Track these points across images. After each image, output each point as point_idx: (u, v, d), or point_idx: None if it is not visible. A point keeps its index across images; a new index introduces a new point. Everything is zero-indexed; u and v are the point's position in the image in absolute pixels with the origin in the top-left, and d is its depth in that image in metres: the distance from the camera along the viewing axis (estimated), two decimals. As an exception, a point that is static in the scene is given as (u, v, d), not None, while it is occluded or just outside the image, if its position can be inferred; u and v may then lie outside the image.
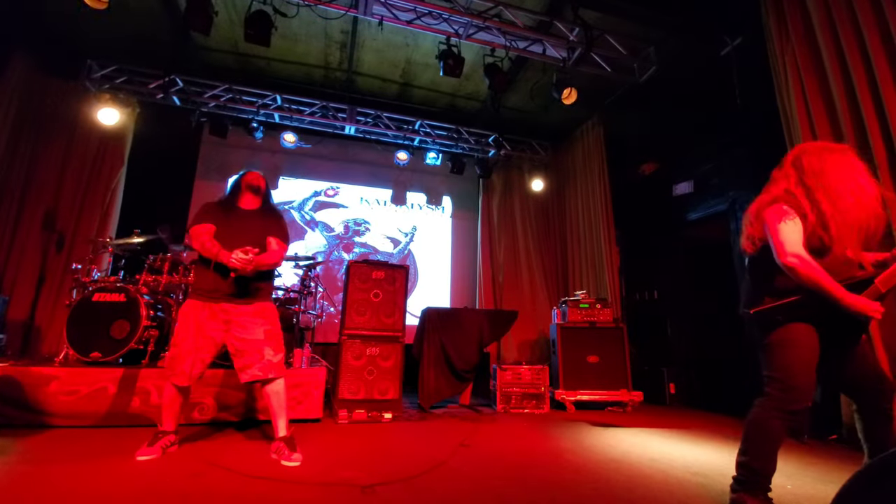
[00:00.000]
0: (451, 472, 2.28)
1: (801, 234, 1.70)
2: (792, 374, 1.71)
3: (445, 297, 6.80)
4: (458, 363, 4.23)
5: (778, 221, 1.73)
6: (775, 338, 1.76)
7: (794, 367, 1.71)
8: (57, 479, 1.99)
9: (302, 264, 4.51)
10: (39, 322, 4.61)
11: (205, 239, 2.44)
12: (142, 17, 4.64)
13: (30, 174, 4.93)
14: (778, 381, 1.73)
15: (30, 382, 2.88)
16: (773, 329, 1.76)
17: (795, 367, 1.71)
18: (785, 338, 1.74)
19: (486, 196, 7.08)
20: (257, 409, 3.15)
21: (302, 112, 5.92)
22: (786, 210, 1.74)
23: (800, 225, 1.70)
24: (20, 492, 1.84)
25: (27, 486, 1.90)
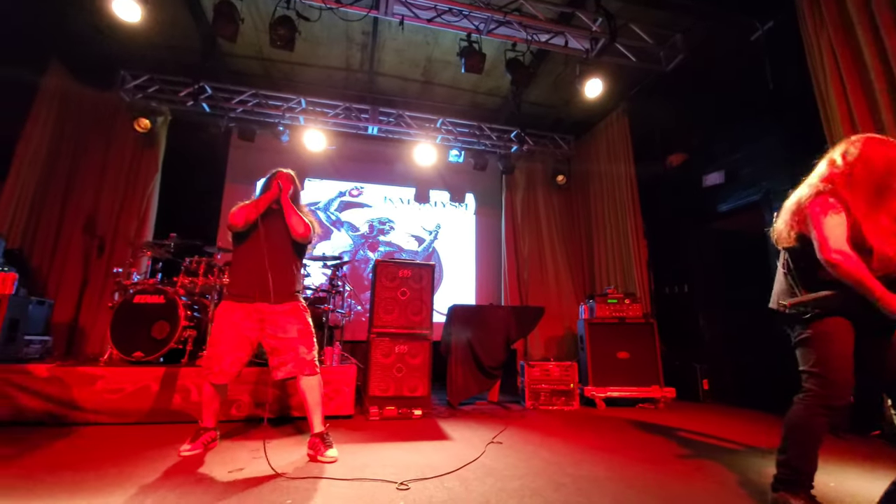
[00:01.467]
0: (483, 469, 2.28)
1: (846, 228, 1.63)
2: (831, 369, 1.65)
3: (471, 294, 6.80)
4: (486, 360, 4.23)
5: (823, 215, 1.66)
6: (812, 332, 1.70)
7: (833, 362, 1.65)
8: (108, 473, 2.09)
9: (329, 264, 4.58)
10: (83, 324, 4.84)
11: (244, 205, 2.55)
12: (171, 28, 4.79)
13: (70, 182, 5.18)
14: (817, 377, 1.68)
15: (77, 382, 3.02)
16: (809, 323, 1.71)
17: (834, 361, 1.65)
18: (822, 331, 1.68)
19: (510, 192, 7.03)
20: (292, 406, 3.23)
21: (326, 114, 6.00)
22: (831, 203, 1.67)
23: (844, 219, 1.64)
24: (75, 487, 1.93)
25: (83, 481, 2.00)
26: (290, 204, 2.62)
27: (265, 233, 2.54)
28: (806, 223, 1.72)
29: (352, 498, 1.85)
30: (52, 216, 4.97)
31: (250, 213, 2.52)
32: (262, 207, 2.56)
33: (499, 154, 6.78)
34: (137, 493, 1.84)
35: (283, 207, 2.59)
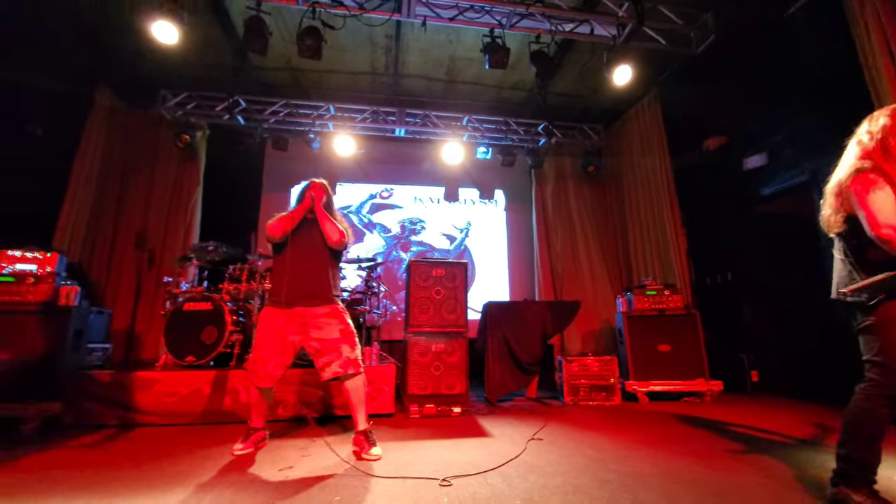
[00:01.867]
0: (525, 466, 2.28)
1: (894, 202, 1.55)
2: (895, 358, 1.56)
3: (504, 290, 6.78)
4: (523, 356, 4.21)
5: (866, 192, 1.59)
6: (875, 319, 1.62)
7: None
8: (168, 472, 2.23)
9: (364, 266, 4.67)
10: (139, 331, 5.15)
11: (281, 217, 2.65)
12: (204, 46, 5.00)
13: (121, 198, 5.52)
14: (880, 366, 1.60)
15: (136, 386, 3.23)
16: (872, 310, 1.62)
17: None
18: (887, 318, 1.59)
19: (539, 186, 6.95)
20: (335, 406, 3.33)
21: (354, 119, 6.12)
22: (872, 179, 1.60)
23: (890, 192, 1.57)
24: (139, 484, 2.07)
25: (145, 479, 2.14)
26: (324, 213, 2.69)
27: (302, 241, 2.64)
28: (851, 203, 1.65)
29: (397, 495, 1.90)
30: (106, 231, 5.33)
31: (286, 224, 2.63)
32: (297, 219, 2.65)
33: (527, 148, 6.71)
34: (196, 491, 1.95)
35: (317, 217, 2.67)
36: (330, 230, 2.64)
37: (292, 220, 2.64)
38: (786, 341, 4.66)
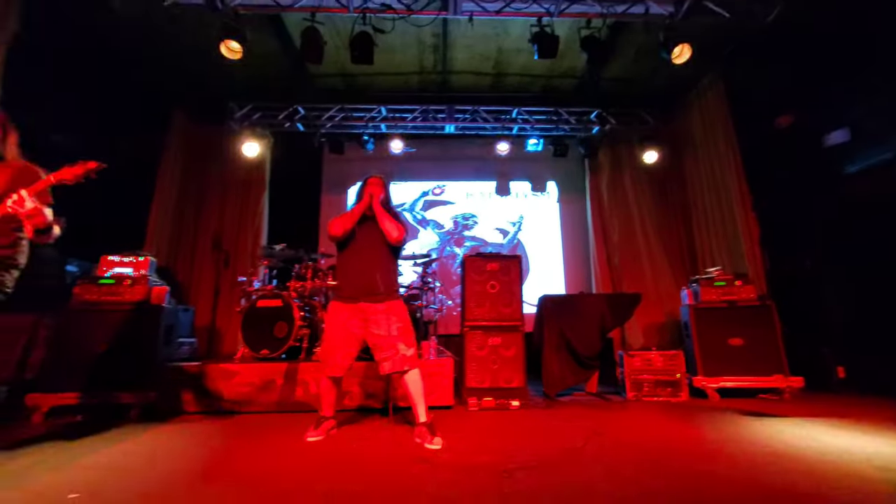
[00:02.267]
0: (586, 459, 2.26)
1: None
2: None
3: (559, 283, 6.66)
4: (581, 350, 4.14)
5: None
6: None
7: None
8: (253, 454, 2.44)
9: (419, 262, 4.79)
10: (219, 327, 5.64)
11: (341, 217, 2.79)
12: (265, 60, 5.32)
13: (198, 206, 6.04)
14: None
15: (219, 377, 3.54)
16: None
17: None
18: None
19: (594, 176, 6.74)
20: (397, 397, 3.46)
21: (405, 119, 6.25)
22: None
23: None
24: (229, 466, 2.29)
25: (234, 460, 2.36)
26: (382, 210, 2.80)
27: (363, 238, 2.77)
28: None
29: (461, 483, 1.95)
30: (187, 236, 5.87)
31: (346, 223, 2.76)
32: (356, 217, 2.77)
33: (579, 138, 6.53)
34: (280, 474, 2.12)
35: (376, 215, 2.78)
36: (389, 228, 2.75)
37: (352, 219, 2.77)
38: (877, 333, 4.22)
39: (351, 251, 2.77)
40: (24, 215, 1.71)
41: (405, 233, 2.81)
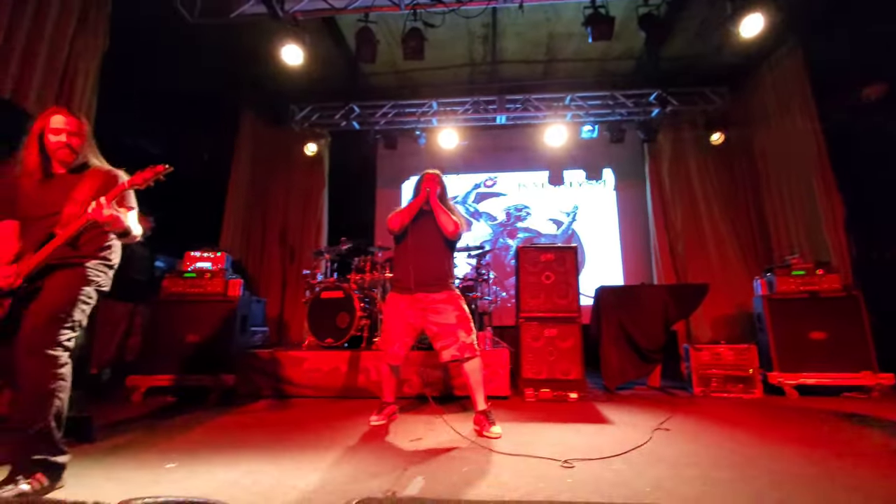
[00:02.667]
0: (653, 455, 2.20)
1: None
2: None
3: (617, 274, 6.45)
4: (643, 343, 4.00)
5: None
6: None
7: None
8: (322, 436, 2.60)
9: (473, 254, 4.83)
10: (287, 317, 6.03)
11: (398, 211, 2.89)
12: (322, 61, 5.53)
13: (266, 204, 6.45)
14: None
15: (289, 363, 3.79)
16: None
17: None
18: None
19: (654, 161, 6.43)
20: (454, 386, 3.54)
21: (456, 112, 6.28)
22: None
23: None
24: (300, 445, 2.45)
25: (304, 441, 2.53)
26: (439, 205, 2.85)
27: (420, 232, 2.84)
28: None
29: (519, 472, 1.97)
30: (256, 232, 6.30)
31: (404, 218, 2.84)
32: (413, 212, 2.85)
33: (637, 121, 6.24)
34: (345, 453, 2.25)
35: (433, 209, 2.84)
36: (445, 221, 2.80)
37: (409, 214, 2.85)
38: None
39: (409, 244, 2.85)
40: (102, 221, 1.82)
41: (461, 226, 2.85)
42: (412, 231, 2.86)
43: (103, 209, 1.79)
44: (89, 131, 2.09)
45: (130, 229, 1.98)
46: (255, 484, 1.83)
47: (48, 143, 1.95)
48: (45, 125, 1.95)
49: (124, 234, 1.97)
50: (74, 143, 1.98)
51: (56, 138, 1.95)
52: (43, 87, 3.49)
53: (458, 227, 2.82)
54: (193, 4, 4.44)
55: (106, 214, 1.80)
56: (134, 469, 2.01)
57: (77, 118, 2.02)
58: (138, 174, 1.91)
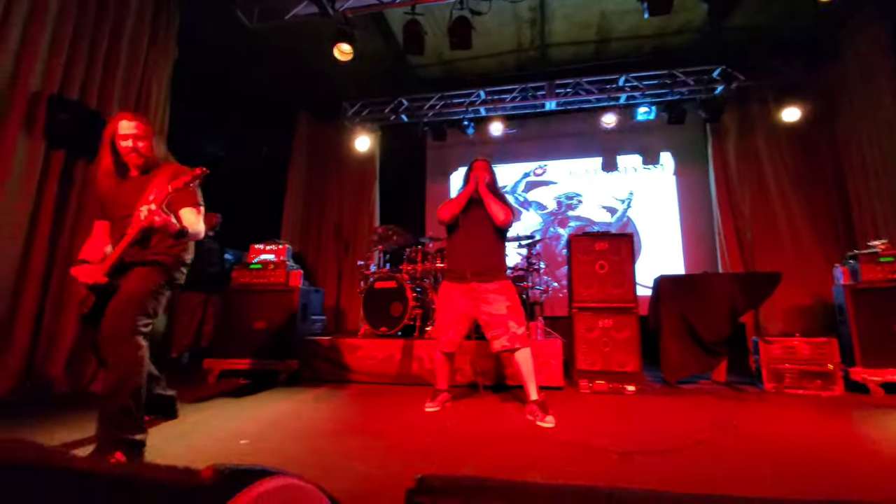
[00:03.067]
0: (714, 450, 2.10)
1: None
2: None
3: (677, 263, 6.14)
4: (706, 335, 3.80)
5: None
6: None
7: None
8: (382, 419, 2.71)
9: (523, 243, 4.78)
10: (343, 306, 6.30)
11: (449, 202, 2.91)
12: (370, 57, 5.65)
13: (323, 199, 6.75)
14: None
15: (347, 350, 3.96)
16: None
17: None
18: None
19: (718, 142, 6.01)
20: (506, 376, 3.55)
21: (503, 100, 6.19)
22: None
23: None
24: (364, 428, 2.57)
25: (367, 423, 2.65)
26: (488, 194, 2.85)
27: (471, 221, 2.87)
28: None
29: (575, 461, 1.95)
30: (313, 225, 6.62)
31: (454, 208, 2.88)
32: (463, 202, 2.87)
33: (699, 100, 5.85)
34: (402, 437, 2.34)
35: (482, 198, 2.85)
36: (495, 211, 2.80)
37: (459, 204, 2.87)
38: None
39: (460, 234, 2.88)
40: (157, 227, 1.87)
41: (512, 214, 2.84)
42: (463, 221, 2.88)
43: (154, 215, 1.85)
44: (155, 132, 2.20)
45: (186, 230, 2.01)
46: (319, 461, 1.95)
47: (119, 147, 2.09)
48: (115, 131, 2.07)
49: (179, 235, 1.99)
50: (142, 146, 2.10)
51: (125, 143, 2.07)
52: (123, 97, 3.84)
53: (508, 216, 2.81)
54: (252, 11, 4.66)
55: (157, 220, 1.86)
56: (211, 444, 2.20)
57: (142, 121, 2.12)
58: (181, 178, 1.96)
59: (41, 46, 3.20)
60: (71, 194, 3.47)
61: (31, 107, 3.17)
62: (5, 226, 3.03)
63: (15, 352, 3.07)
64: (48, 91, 3.26)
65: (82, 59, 3.52)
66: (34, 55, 3.16)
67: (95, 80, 3.64)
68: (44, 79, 3.26)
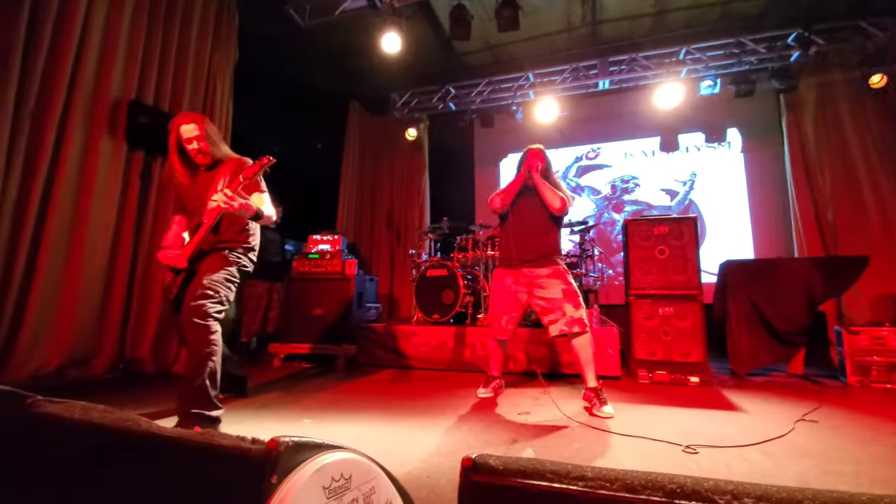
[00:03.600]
0: (795, 447, 1.95)
1: None
2: None
3: (746, 247, 5.72)
4: (780, 324, 3.52)
5: None
6: None
7: None
8: (435, 404, 2.76)
9: (576, 229, 4.65)
10: (396, 294, 6.47)
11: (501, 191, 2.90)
12: (417, 47, 5.65)
13: (375, 190, 6.94)
14: None
15: (401, 337, 4.06)
16: None
17: None
18: None
19: (793, 114, 5.49)
20: (562, 364, 3.49)
21: (553, 82, 6.00)
22: None
23: None
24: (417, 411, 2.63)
25: (418, 407, 2.71)
26: (542, 181, 2.78)
27: (524, 208, 2.83)
28: None
29: (634, 453, 1.89)
30: (366, 215, 6.83)
31: (506, 197, 2.85)
32: (515, 190, 2.83)
33: (771, 69, 5.36)
34: (457, 421, 2.37)
35: (536, 185, 2.78)
36: (550, 198, 2.73)
37: (511, 192, 2.83)
38: None
39: (513, 221, 2.85)
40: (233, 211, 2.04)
41: (568, 202, 2.76)
42: (517, 208, 2.85)
43: (233, 200, 2.02)
44: (213, 129, 2.35)
45: (262, 211, 2.20)
46: (377, 442, 2.02)
47: (186, 149, 2.27)
48: (180, 134, 2.25)
49: (257, 216, 2.19)
50: (204, 146, 2.28)
51: (189, 147, 2.26)
52: (192, 99, 4.12)
53: (565, 204, 2.74)
54: (304, 9, 4.81)
55: (235, 205, 2.03)
56: (278, 422, 2.35)
57: (200, 122, 2.27)
58: (248, 168, 2.13)
59: (118, 55, 3.49)
60: (150, 191, 3.79)
61: (113, 112, 3.48)
62: (97, 223, 3.36)
63: (109, 337, 3.42)
64: (127, 97, 3.56)
65: (154, 65, 3.80)
66: (112, 64, 3.45)
67: (167, 84, 3.93)
68: (122, 86, 3.56)
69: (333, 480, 0.68)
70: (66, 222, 3.19)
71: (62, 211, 3.15)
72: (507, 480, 0.55)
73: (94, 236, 3.34)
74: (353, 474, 0.69)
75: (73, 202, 3.23)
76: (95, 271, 3.35)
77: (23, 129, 2.91)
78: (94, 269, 3.35)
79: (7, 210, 2.85)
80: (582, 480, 0.51)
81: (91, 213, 3.31)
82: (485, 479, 0.56)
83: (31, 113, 2.96)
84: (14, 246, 2.90)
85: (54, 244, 3.10)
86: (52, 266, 3.08)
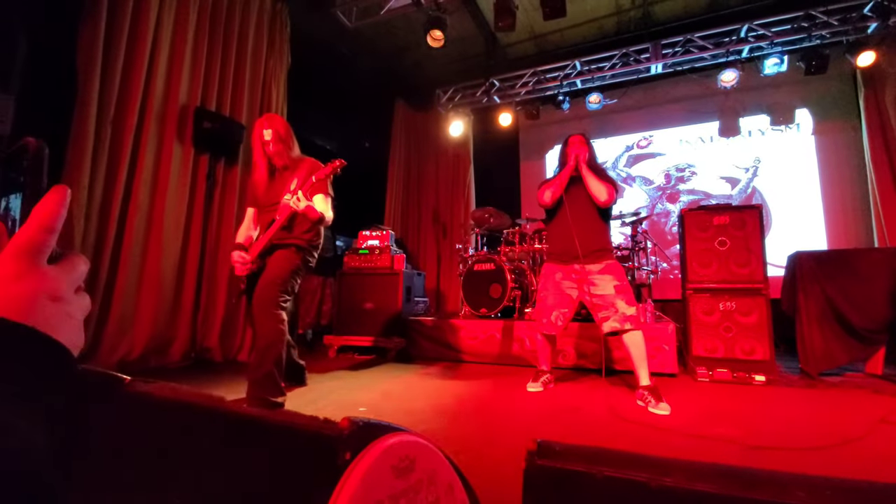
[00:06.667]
0: (870, 450, 1.81)
1: None
2: None
3: (818, 238, 5.29)
4: (857, 320, 3.24)
5: None
6: None
7: None
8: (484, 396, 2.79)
9: (627, 221, 4.49)
10: (443, 288, 6.55)
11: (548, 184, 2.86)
12: (461, 42, 5.66)
13: (421, 185, 7.05)
14: None
15: (449, 330, 4.12)
16: None
17: None
18: None
19: (872, 91, 5.00)
20: (613, 360, 3.41)
21: (602, 69, 5.80)
22: None
23: None
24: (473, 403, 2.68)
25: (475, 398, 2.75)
26: (588, 172, 2.71)
27: (572, 201, 2.77)
28: None
29: (694, 451, 1.82)
30: (412, 211, 6.95)
31: (555, 191, 2.79)
32: (564, 183, 2.77)
33: (846, 43, 4.89)
34: (507, 413, 2.39)
35: (582, 176, 2.72)
36: (596, 190, 2.67)
37: (560, 185, 2.78)
38: None
39: (561, 214, 2.80)
40: (300, 212, 2.23)
41: (615, 192, 2.68)
42: (564, 201, 2.79)
43: (300, 202, 2.21)
44: (288, 132, 2.56)
45: (324, 215, 2.37)
46: (429, 430, 2.08)
47: (266, 151, 2.49)
48: (260, 137, 2.47)
49: (319, 221, 2.37)
50: (280, 149, 2.48)
51: (268, 150, 2.47)
52: (250, 103, 4.36)
53: (612, 194, 2.66)
54: (351, 11, 4.94)
55: (301, 207, 2.21)
56: (335, 410, 2.46)
57: (277, 127, 2.48)
58: (322, 169, 2.32)
59: (184, 66, 3.76)
60: (215, 191, 4.06)
61: (181, 119, 3.76)
62: (170, 222, 3.66)
63: (182, 327, 3.72)
64: (193, 104, 3.83)
65: (216, 74, 4.06)
66: (179, 74, 3.73)
67: (228, 91, 4.18)
68: (188, 94, 3.83)
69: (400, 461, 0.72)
70: (143, 222, 3.50)
71: (141, 212, 3.46)
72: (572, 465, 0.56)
73: (168, 234, 3.64)
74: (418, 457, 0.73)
75: (149, 204, 3.54)
76: (169, 266, 3.65)
77: (104, 138, 3.21)
78: (169, 265, 3.65)
79: (94, 212, 3.17)
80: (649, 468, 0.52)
81: (165, 214, 3.61)
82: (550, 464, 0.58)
83: (112, 121, 3.25)
84: (101, 245, 3.22)
85: (135, 242, 3.42)
86: (132, 262, 3.39)
